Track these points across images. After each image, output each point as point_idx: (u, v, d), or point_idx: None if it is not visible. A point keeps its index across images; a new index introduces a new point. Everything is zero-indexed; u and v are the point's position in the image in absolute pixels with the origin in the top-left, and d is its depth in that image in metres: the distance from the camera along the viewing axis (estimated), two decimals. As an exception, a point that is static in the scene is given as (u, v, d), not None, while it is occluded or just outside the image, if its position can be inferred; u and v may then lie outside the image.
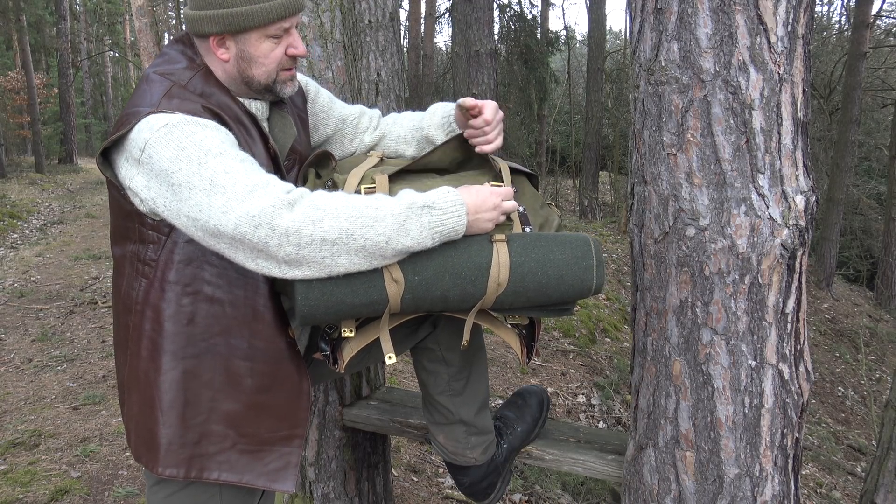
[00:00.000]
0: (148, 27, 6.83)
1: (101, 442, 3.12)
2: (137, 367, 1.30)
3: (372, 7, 2.51)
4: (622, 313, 6.23)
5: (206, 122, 1.19)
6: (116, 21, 25.51)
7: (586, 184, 13.07)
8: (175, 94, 1.23)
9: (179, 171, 1.13)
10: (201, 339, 1.28)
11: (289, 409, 1.37)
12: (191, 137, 1.15)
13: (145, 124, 1.17)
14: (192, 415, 1.29)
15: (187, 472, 1.29)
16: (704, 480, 1.38)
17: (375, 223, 1.15)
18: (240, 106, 1.33)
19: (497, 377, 4.36)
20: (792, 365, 1.35)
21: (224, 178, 1.12)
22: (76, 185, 14.53)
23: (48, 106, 19.76)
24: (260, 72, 1.31)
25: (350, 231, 1.13)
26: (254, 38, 1.28)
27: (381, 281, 1.21)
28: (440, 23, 18.51)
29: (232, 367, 1.30)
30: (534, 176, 1.52)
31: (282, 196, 1.11)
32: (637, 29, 1.39)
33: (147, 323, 1.28)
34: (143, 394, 1.30)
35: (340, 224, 1.13)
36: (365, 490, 2.21)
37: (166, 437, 1.28)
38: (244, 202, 1.10)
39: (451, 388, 1.60)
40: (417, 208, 1.18)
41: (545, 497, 3.28)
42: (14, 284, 6.17)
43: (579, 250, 1.31)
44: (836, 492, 4.55)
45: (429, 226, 1.19)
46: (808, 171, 1.32)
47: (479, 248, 1.26)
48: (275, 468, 1.35)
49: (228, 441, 1.31)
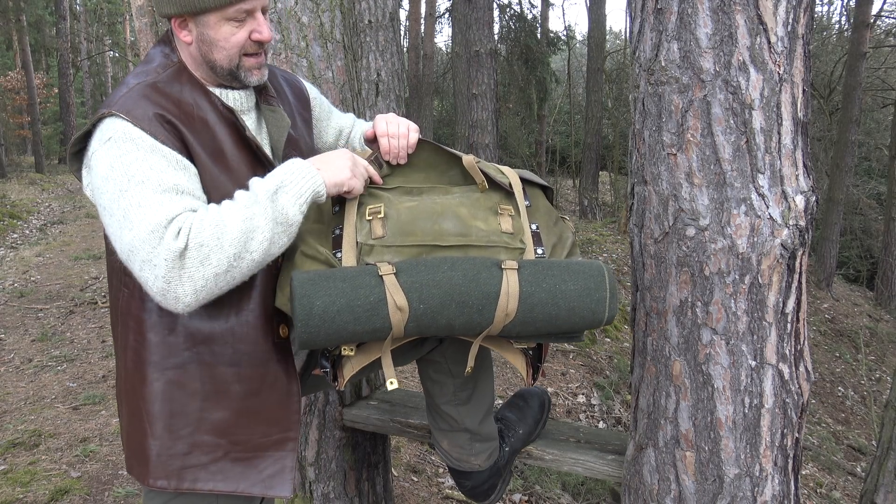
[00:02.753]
0: (148, 27, 6.82)
1: (101, 442, 3.12)
2: (125, 378, 1.30)
3: (372, 7, 2.51)
4: (622, 313, 6.23)
5: (143, 141, 1.18)
6: (116, 21, 25.49)
7: (586, 184, 13.07)
8: (135, 93, 1.23)
9: (105, 192, 1.16)
10: (184, 348, 1.26)
11: (280, 412, 1.35)
12: (122, 158, 1.16)
13: (98, 131, 1.19)
14: (180, 426, 1.27)
15: (178, 484, 1.27)
16: (704, 480, 1.38)
17: (254, 232, 1.15)
18: (212, 100, 1.31)
19: (497, 377, 4.36)
20: (792, 365, 1.35)
21: (136, 213, 1.13)
22: (76, 185, 14.52)
23: (48, 106, 19.77)
24: (221, 56, 1.28)
25: (237, 254, 1.14)
26: (213, 20, 1.26)
27: (385, 309, 1.18)
28: (440, 23, 18.50)
29: (218, 374, 1.28)
30: (549, 189, 1.47)
31: (172, 246, 1.10)
32: (637, 29, 1.39)
33: (130, 334, 1.27)
34: (130, 405, 1.29)
35: (226, 252, 1.13)
36: (365, 490, 2.21)
37: (155, 449, 1.27)
38: (146, 247, 1.11)
39: (457, 398, 1.58)
40: (272, 193, 1.18)
41: (545, 497, 3.28)
42: (14, 284, 6.17)
43: (593, 281, 1.25)
44: (836, 492, 4.55)
45: (292, 202, 1.19)
46: (808, 171, 1.32)
47: (488, 276, 1.21)
48: (270, 474, 1.33)
49: (220, 450, 1.29)
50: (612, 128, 14.85)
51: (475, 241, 1.29)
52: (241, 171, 1.30)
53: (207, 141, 1.27)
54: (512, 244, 1.31)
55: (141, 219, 1.12)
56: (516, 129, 14.33)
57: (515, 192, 1.39)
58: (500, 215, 1.35)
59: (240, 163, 1.30)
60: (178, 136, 1.23)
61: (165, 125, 1.22)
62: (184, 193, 1.17)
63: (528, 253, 1.32)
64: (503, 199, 1.39)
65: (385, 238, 1.27)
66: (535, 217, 1.40)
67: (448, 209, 1.32)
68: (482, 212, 1.34)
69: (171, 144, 1.20)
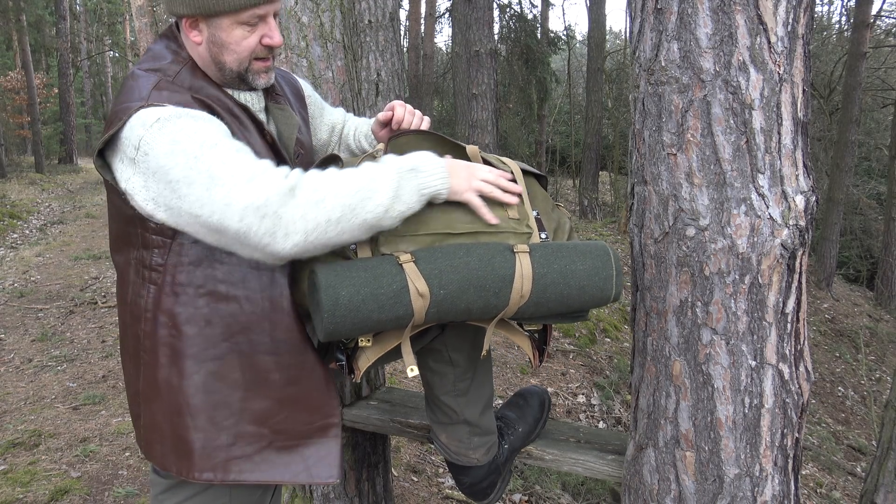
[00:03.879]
0: (148, 27, 6.83)
1: (101, 442, 3.12)
2: (156, 375, 1.27)
3: (372, 7, 2.51)
4: (622, 313, 6.23)
5: (198, 114, 1.17)
6: (116, 21, 25.50)
7: (586, 184, 13.07)
8: (164, 86, 1.21)
9: (176, 166, 1.11)
10: (222, 339, 1.25)
11: (320, 398, 1.34)
12: (184, 130, 1.13)
13: (137, 120, 1.14)
14: (223, 417, 1.26)
15: (224, 476, 1.26)
16: (704, 480, 1.38)
17: (374, 194, 1.15)
18: (230, 98, 1.31)
19: (497, 377, 4.36)
20: (792, 365, 1.35)
21: (222, 169, 1.09)
22: (76, 185, 14.53)
23: (48, 106, 19.77)
24: (231, 59, 1.28)
25: (352, 206, 1.13)
26: (226, 23, 1.25)
27: (408, 296, 1.21)
28: (440, 23, 18.51)
29: (257, 363, 1.28)
30: (542, 177, 1.52)
31: (281, 182, 1.10)
32: (637, 29, 1.39)
33: (162, 329, 1.25)
34: (167, 402, 1.27)
35: (342, 201, 1.12)
36: (365, 490, 2.21)
37: (199, 442, 1.25)
38: (246, 193, 1.08)
39: (457, 388, 1.59)
40: (405, 171, 1.19)
41: (545, 497, 3.28)
42: (14, 284, 6.17)
43: (599, 260, 1.31)
44: (836, 492, 4.55)
45: (417, 189, 1.20)
46: (808, 171, 1.32)
47: (502, 260, 1.26)
48: (315, 461, 1.32)
49: (264, 440, 1.29)
50: (612, 128, 14.85)
51: (484, 227, 1.33)
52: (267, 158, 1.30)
53: (238, 129, 1.27)
54: (519, 229, 1.35)
55: (232, 171, 1.09)
56: (516, 129, 14.34)
57: (518, 180, 1.43)
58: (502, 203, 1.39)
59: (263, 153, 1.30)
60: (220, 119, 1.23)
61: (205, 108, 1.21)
62: (259, 154, 1.17)
63: (534, 237, 1.37)
64: None
65: (399, 228, 1.27)
66: (535, 204, 1.45)
67: None
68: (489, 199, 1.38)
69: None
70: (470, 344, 1.55)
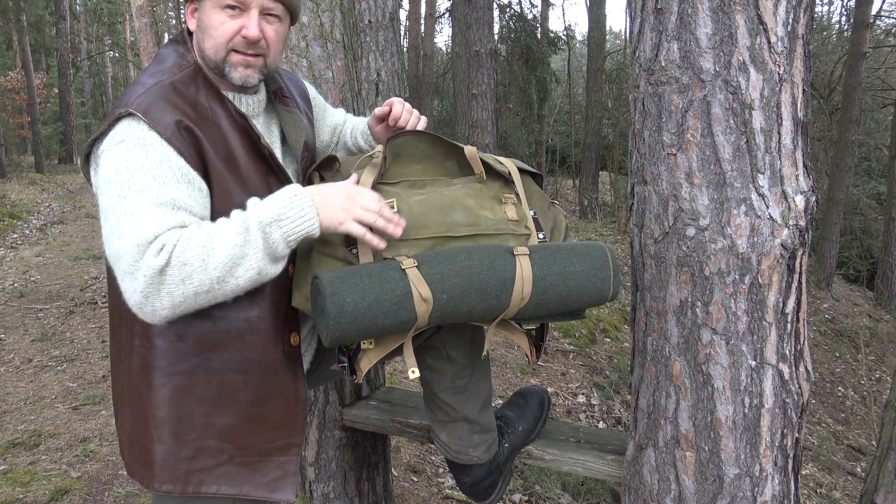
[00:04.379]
0: (148, 27, 6.83)
1: (101, 442, 3.12)
2: (129, 382, 1.29)
3: (372, 7, 2.50)
4: (622, 313, 6.23)
5: (153, 148, 1.17)
6: (116, 21, 25.49)
7: (586, 184, 13.07)
8: (152, 93, 1.22)
9: (105, 194, 1.16)
10: (192, 354, 1.26)
11: (285, 418, 1.35)
12: (128, 163, 1.15)
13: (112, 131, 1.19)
14: (187, 430, 1.27)
15: (184, 488, 1.27)
16: (704, 480, 1.38)
17: (243, 260, 1.14)
18: (226, 106, 1.29)
19: (497, 377, 4.35)
20: (792, 365, 1.35)
21: (127, 222, 1.12)
22: (76, 185, 14.53)
23: (48, 106, 19.77)
24: (209, 45, 1.27)
25: (221, 278, 1.13)
26: (209, 5, 1.26)
27: (412, 301, 1.22)
28: (440, 23, 18.51)
29: (226, 381, 1.28)
30: (538, 175, 1.53)
31: (151, 262, 1.10)
32: (637, 29, 1.39)
33: (136, 339, 1.26)
34: (135, 409, 1.28)
35: (210, 275, 1.12)
36: (365, 490, 2.21)
37: (161, 454, 1.26)
38: (129, 257, 1.11)
39: (455, 385, 1.60)
40: (269, 224, 1.17)
41: (545, 497, 3.28)
42: (14, 284, 6.17)
43: (597, 261, 1.33)
44: (836, 492, 4.55)
45: (283, 239, 1.18)
46: (808, 171, 1.32)
47: (502, 263, 1.27)
48: (273, 478, 1.34)
49: (225, 454, 1.30)
50: (612, 128, 14.85)
51: (484, 229, 1.34)
52: (253, 179, 1.29)
53: (221, 147, 1.26)
54: (518, 231, 1.37)
55: (131, 230, 1.12)
56: (516, 129, 14.33)
57: (515, 181, 1.43)
58: (504, 204, 1.40)
59: (251, 170, 1.29)
60: (195, 143, 1.22)
61: (183, 132, 1.20)
62: (180, 209, 1.16)
63: (532, 238, 1.38)
64: (503, 187, 1.44)
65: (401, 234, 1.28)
66: (531, 203, 1.46)
67: (456, 200, 1.35)
68: (488, 201, 1.39)
69: (185, 154, 1.19)
70: (467, 341, 1.55)
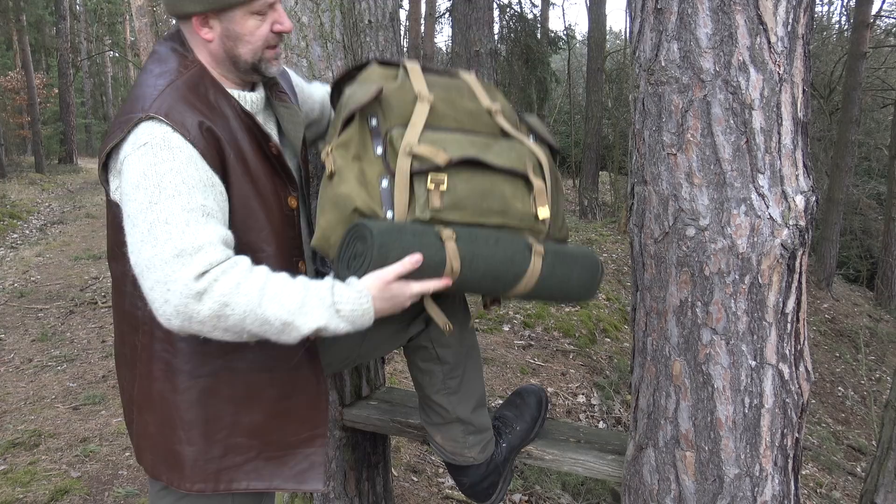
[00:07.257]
0: (148, 27, 6.83)
1: (101, 442, 3.12)
2: (150, 387, 1.28)
3: (372, 7, 2.50)
4: (622, 313, 6.23)
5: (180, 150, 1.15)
6: (116, 21, 25.50)
7: (586, 184, 13.07)
8: (169, 94, 1.20)
9: (134, 200, 1.13)
10: (217, 356, 1.26)
11: (310, 411, 1.37)
12: (156, 167, 1.13)
13: (133, 136, 1.16)
14: (215, 430, 1.28)
15: (216, 486, 1.28)
16: (704, 480, 1.38)
17: (286, 327, 1.14)
18: (233, 104, 1.29)
19: (497, 377, 4.35)
20: (792, 365, 1.35)
21: (161, 229, 1.10)
22: (76, 185, 14.53)
23: (48, 106, 19.75)
24: (246, 50, 1.27)
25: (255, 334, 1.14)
26: (238, 15, 1.25)
27: (442, 271, 1.27)
28: (440, 23, 18.52)
29: (251, 380, 1.29)
30: (555, 149, 1.59)
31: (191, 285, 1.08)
32: (637, 29, 1.39)
33: (157, 343, 1.25)
34: (160, 414, 1.28)
35: (247, 327, 1.12)
36: (365, 490, 2.21)
37: (191, 455, 1.27)
38: (164, 268, 1.08)
39: (447, 386, 1.60)
40: (326, 308, 1.17)
41: (545, 497, 3.28)
42: (14, 284, 6.17)
43: (590, 274, 1.47)
44: (836, 492, 4.55)
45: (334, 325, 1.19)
46: (808, 171, 1.32)
47: (521, 259, 1.35)
48: (301, 469, 1.36)
49: (254, 451, 1.31)
50: (612, 128, 14.85)
51: (510, 220, 1.38)
52: (262, 181, 1.29)
53: (235, 148, 1.25)
54: (537, 227, 1.42)
55: (167, 238, 1.09)
56: (516, 129, 14.29)
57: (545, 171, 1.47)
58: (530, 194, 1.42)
59: (260, 171, 1.29)
60: (217, 144, 1.21)
61: (205, 133, 1.19)
62: (209, 216, 1.14)
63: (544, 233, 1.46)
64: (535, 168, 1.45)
65: (441, 211, 1.30)
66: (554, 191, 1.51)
67: (496, 186, 1.37)
68: (520, 191, 1.41)
69: (207, 157, 1.18)
70: (456, 340, 1.56)
